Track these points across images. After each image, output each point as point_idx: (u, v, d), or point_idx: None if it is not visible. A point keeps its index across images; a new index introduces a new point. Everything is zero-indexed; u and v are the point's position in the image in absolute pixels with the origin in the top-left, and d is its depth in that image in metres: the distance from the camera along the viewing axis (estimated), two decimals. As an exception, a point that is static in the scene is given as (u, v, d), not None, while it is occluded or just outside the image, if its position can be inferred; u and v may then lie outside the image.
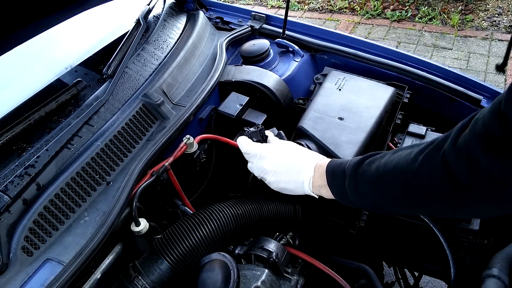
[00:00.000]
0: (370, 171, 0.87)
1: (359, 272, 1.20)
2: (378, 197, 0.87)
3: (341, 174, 0.93)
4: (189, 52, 1.44)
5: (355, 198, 0.91)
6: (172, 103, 1.28)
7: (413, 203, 0.83)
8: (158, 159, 1.13)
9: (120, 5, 1.56)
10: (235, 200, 1.12)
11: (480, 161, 0.67)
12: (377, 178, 0.85)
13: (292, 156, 1.04)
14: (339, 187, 0.94)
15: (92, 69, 1.33)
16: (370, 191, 0.87)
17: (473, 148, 0.68)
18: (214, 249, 1.02)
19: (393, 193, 0.84)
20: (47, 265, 0.89)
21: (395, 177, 0.81)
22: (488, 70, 3.74)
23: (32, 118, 1.08)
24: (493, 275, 0.98)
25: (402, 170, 0.80)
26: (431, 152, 0.75)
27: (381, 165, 0.85)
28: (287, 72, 1.52)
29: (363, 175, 0.88)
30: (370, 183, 0.87)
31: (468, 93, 1.41)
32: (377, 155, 0.89)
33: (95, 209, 1.00)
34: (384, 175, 0.83)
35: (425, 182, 0.76)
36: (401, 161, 0.81)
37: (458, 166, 0.70)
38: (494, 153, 0.66)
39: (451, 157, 0.71)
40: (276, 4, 5.19)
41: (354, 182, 0.90)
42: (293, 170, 1.02)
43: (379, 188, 0.86)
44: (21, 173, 0.96)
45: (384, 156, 0.86)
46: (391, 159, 0.84)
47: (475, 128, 0.69)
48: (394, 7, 4.77)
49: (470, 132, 0.70)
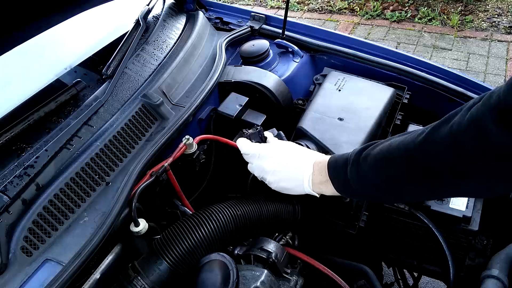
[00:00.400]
0: (374, 153, 0.86)
1: (358, 272, 1.20)
2: (380, 178, 0.87)
3: (343, 163, 0.93)
4: (189, 53, 1.44)
5: (356, 183, 0.91)
6: (171, 104, 1.28)
7: (415, 180, 0.82)
8: (158, 159, 1.13)
9: (119, 5, 1.56)
10: (234, 200, 1.12)
11: (491, 132, 0.66)
12: (380, 158, 0.85)
13: (291, 154, 1.04)
14: (340, 176, 0.94)
15: (92, 70, 1.33)
16: (372, 172, 0.87)
17: (484, 119, 0.67)
18: (213, 249, 1.02)
19: (395, 171, 0.83)
20: (47, 265, 0.89)
21: (398, 154, 0.81)
22: (487, 71, 3.74)
23: (31, 118, 1.08)
24: (493, 276, 0.98)
25: (406, 146, 0.80)
26: (439, 125, 0.75)
27: (385, 146, 0.85)
28: (286, 73, 1.52)
29: (366, 158, 0.88)
30: (373, 164, 0.86)
31: (468, 93, 1.41)
32: (382, 140, 0.89)
33: (95, 210, 1.00)
34: (387, 154, 0.83)
35: (429, 155, 0.76)
36: (406, 138, 0.81)
37: (466, 137, 0.70)
38: (506, 124, 0.65)
39: (459, 128, 0.71)
40: (276, 5, 5.19)
41: (356, 167, 0.89)
42: (293, 168, 1.02)
43: (382, 168, 0.85)
44: (21, 174, 0.96)
45: (389, 140, 0.86)
46: (395, 139, 0.84)
47: (489, 100, 0.68)
48: (394, 7, 4.77)
49: (483, 104, 0.69)
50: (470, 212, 1.12)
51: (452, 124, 0.73)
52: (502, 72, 3.68)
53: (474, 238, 1.17)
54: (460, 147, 0.71)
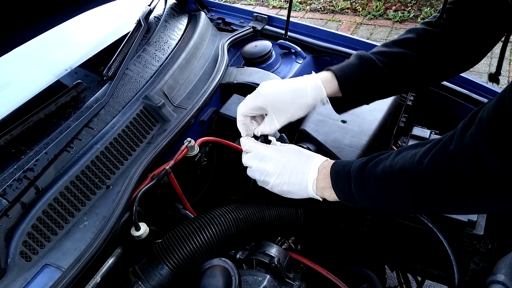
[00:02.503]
0: (376, 173, 0.85)
1: (362, 277, 1.19)
2: (386, 199, 0.86)
3: (346, 176, 0.91)
4: (191, 54, 1.42)
5: (361, 200, 0.90)
6: (173, 106, 1.27)
7: (422, 203, 0.82)
8: (159, 162, 1.12)
9: (120, 6, 1.55)
10: (236, 204, 1.10)
11: (489, 162, 0.66)
12: (384, 180, 0.84)
13: (296, 157, 1.01)
14: (344, 189, 0.92)
15: (92, 71, 1.32)
16: (377, 193, 0.86)
17: (480, 149, 0.67)
18: (215, 254, 1.00)
19: (401, 195, 0.83)
20: (46, 270, 0.88)
21: (402, 179, 0.80)
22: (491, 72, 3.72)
23: (31, 120, 1.07)
24: (498, 281, 0.96)
25: (409, 174, 0.79)
26: (438, 154, 0.74)
27: (386, 167, 0.84)
28: (289, 74, 1.51)
29: (369, 177, 0.87)
30: (377, 186, 0.86)
31: (472, 95, 1.40)
32: (382, 156, 0.87)
33: (95, 214, 0.98)
34: (391, 177, 0.82)
35: (434, 184, 0.75)
36: (406, 164, 0.80)
37: (466, 167, 0.69)
38: (502, 153, 0.64)
39: (458, 159, 0.70)
40: (278, 5, 5.18)
41: (360, 185, 0.88)
42: (297, 171, 0.99)
43: (387, 191, 0.84)
44: (20, 177, 0.95)
45: (389, 157, 0.85)
46: (396, 160, 0.82)
47: (480, 127, 0.68)
48: (396, 7, 4.75)
49: (475, 132, 0.68)
50: (475, 216, 1.11)
51: (451, 153, 0.72)
52: (506, 73, 3.66)
53: (478, 243, 1.16)
54: (464, 178, 0.70)
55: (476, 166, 0.68)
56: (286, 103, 0.99)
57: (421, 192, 0.79)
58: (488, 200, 0.72)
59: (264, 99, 0.99)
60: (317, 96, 1.01)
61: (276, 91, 1.00)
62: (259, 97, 1.00)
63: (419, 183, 0.77)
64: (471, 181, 0.70)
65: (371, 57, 1.05)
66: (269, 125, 1.01)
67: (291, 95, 0.99)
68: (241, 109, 1.02)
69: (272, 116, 1.00)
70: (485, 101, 1.38)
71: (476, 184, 0.69)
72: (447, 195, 0.76)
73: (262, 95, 1.00)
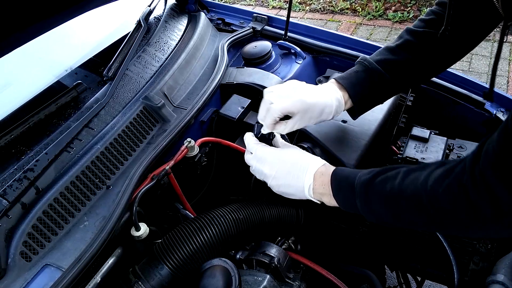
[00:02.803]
0: (384, 193, 0.84)
1: (362, 277, 1.19)
2: (394, 218, 0.86)
3: (349, 190, 0.90)
4: (190, 54, 1.43)
5: (366, 214, 0.89)
6: (173, 106, 1.27)
7: (432, 226, 0.83)
8: (159, 162, 1.12)
9: (120, 6, 1.55)
10: (236, 204, 1.10)
11: (500, 195, 0.66)
12: (394, 202, 0.83)
13: (292, 161, 1.01)
14: (346, 200, 0.92)
15: (92, 71, 1.32)
16: (385, 213, 0.86)
17: (490, 182, 0.67)
18: (215, 254, 1.01)
19: (412, 219, 0.82)
20: (46, 270, 0.88)
21: (414, 205, 0.79)
22: (490, 72, 3.73)
23: (31, 121, 1.07)
24: (498, 281, 0.96)
25: (421, 201, 0.77)
26: (452, 185, 0.73)
27: (395, 189, 0.82)
28: (289, 74, 1.51)
29: (377, 195, 0.86)
30: (385, 206, 0.85)
31: (472, 96, 1.40)
32: (388, 173, 0.86)
33: (95, 214, 0.99)
34: (401, 201, 0.81)
35: (448, 214, 0.75)
36: (418, 190, 0.78)
37: (479, 200, 0.69)
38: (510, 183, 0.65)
39: (471, 192, 0.70)
40: (278, 5, 5.19)
41: (365, 202, 0.88)
42: (293, 175, 1.00)
43: (396, 212, 0.84)
44: (20, 177, 0.95)
45: (397, 177, 0.83)
46: (406, 184, 0.81)
47: (487, 159, 0.68)
48: (396, 8, 4.75)
49: (484, 164, 0.69)
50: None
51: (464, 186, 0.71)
52: (505, 73, 3.66)
53: (478, 243, 1.16)
54: (477, 210, 0.70)
55: (489, 199, 0.68)
56: (314, 113, 1.05)
57: (433, 219, 0.78)
58: (500, 230, 0.72)
59: (300, 104, 1.03)
60: (337, 112, 1.09)
61: (310, 100, 1.04)
62: (296, 99, 1.03)
63: (431, 211, 0.77)
64: (484, 213, 0.69)
65: (377, 67, 1.10)
66: (289, 127, 1.05)
67: (320, 110, 1.05)
68: (279, 107, 1.02)
69: (296, 122, 1.04)
70: (485, 102, 1.39)
71: (489, 216, 0.69)
72: (459, 223, 0.76)
73: (299, 98, 1.03)
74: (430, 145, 1.19)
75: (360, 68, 1.13)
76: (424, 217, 0.80)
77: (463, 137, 1.27)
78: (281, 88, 1.05)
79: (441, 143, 1.19)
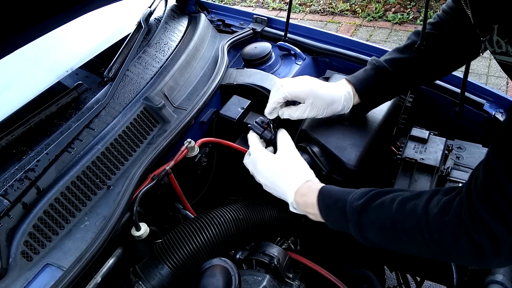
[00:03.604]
0: (380, 222, 0.82)
1: (361, 277, 1.19)
2: (392, 247, 0.85)
3: (339, 214, 0.89)
4: (191, 55, 1.43)
5: (360, 240, 0.88)
6: (173, 106, 1.28)
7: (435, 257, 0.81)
8: (159, 163, 1.13)
9: (121, 7, 1.56)
10: (236, 204, 1.11)
11: (495, 230, 0.67)
12: (392, 234, 0.81)
13: (278, 172, 1.02)
14: (339, 225, 0.91)
15: (93, 72, 1.33)
16: (382, 241, 0.85)
17: (484, 217, 0.67)
18: (215, 254, 1.01)
19: (412, 250, 0.82)
20: (47, 270, 0.88)
21: (414, 237, 0.78)
22: (490, 73, 3.73)
23: (32, 121, 1.07)
24: (497, 281, 0.97)
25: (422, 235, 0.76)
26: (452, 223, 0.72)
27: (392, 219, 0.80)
28: (289, 75, 1.52)
29: (372, 225, 0.84)
30: (382, 236, 0.83)
31: (471, 97, 1.40)
32: (381, 199, 0.84)
33: (96, 214, 0.99)
34: (400, 233, 0.80)
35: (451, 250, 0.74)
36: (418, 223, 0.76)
37: (480, 238, 0.69)
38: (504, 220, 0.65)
39: (472, 230, 0.70)
40: (278, 6, 5.19)
41: (359, 229, 0.86)
42: (277, 187, 1.02)
43: (395, 243, 0.83)
44: (21, 177, 0.96)
45: (392, 206, 0.81)
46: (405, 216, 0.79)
47: (477, 195, 0.69)
48: (396, 9, 4.76)
49: (475, 201, 0.69)
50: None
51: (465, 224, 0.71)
52: (505, 74, 3.67)
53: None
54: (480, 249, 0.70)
55: (486, 234, 0.68)
56: (324, 103, 1.11)
57: (434, 252, 0.78)
58: (501, 263, 0.73)
59: (309, 90, 1.09)
60: (345, 105, 1.14)
61: (320, 90, 1.10)
62: (306, 86, 1.09)
63: (433, 245, 0.76)
64: (486, 250, 0.69)
65: (384, 65, 1.14)
66: (300, 113, 1.11)
67: (330, 99, 1.11)
68: (287, 89, 1.09)
69: (307, 108, 1.10)
70: (484, 102, 1.39)
71: (490, 251, 0.69)
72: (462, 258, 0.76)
73: (309, 86, 1.10)
74: (429, 145, 1.20)
75: (369, 66, 1.17)
76: (424, 249, 0.79)
77: (462, 137, 1.27)
78: (293, 78, 1.12)
79: (440, 144, 1.20)
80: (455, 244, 0.72)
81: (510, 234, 0.66)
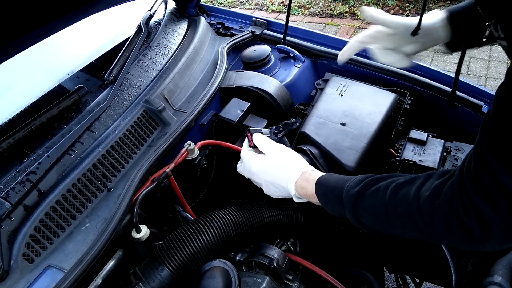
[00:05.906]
0: (374, 208, 0.85)
1: (360, 279, 1.20)
2: (386, 231, 0.87)
3: (336, 201, 0.91)
4: (190, 58, 1.44)
5: (357, 225, 0.91)
6: (173, 109, 1.28)
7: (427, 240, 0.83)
8: (159, 165, 1.13)
9: (121, 11, 1.57)
10: (236, 206, 1.11)
11: (484, 211, 0.67)
12: (385, 219, 0.83)
13: (274, 171, 1.05)
14: (336, 210, 0.94)
15: (94, 75, 1.33)
16: (377, 226, 0.87)
17: (473, 198, 0.68)
18: (215, 256, 1.01)
19: (405, 234, 0.83)
20: (48, 272, 0.89)
21: (407, 222, 0.80)
22: (488, 75, 3.74)
23: (33, 124, 1.08)
24: (495, 282, 0.97)
25: (414, 219, 0.78)
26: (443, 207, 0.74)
27: (386, 206, 0.82)
28: (288, 78, 1.52)
29: (367, 211, 0.86)
30: (376, 221, 0.86)
31: (469, 99, 1.41)
32: (376, 186, 0.86)
33: (96, 216, 1.00)
34: (393, 218, 0.82)
35: (442, 232, 0.76)
36: (410, 208, 0.78)
37: (470, 220, 0.70)
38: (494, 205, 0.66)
39: (462, 213, 0.70)
40: (277, 9, 5.21)
41: (355, 215, 0.88)
42: (277, 187, 1.05)
43: (388, 227, 0.85)
44: (22, 180, 0.96)
45: (386, 191, 0.83)
46: (397, 202, 0.81)
47: (468, 177, 0.70)
48: (395, 11, 4.78)
49: (466, 182, 0.70)
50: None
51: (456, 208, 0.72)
52: (503, 76, 3.67)
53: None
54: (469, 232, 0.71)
55: (476, 217, 0.69)
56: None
57: (426, 235, 0.79)
58: (491, 245, 0.73)
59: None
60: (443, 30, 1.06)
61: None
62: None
63: (425, 229, 0.77)
64: (475, 233, 0.70)
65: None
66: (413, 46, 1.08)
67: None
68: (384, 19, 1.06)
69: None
70: (482, 104, 1.40)
71: (480, 234, 0.70)
72: (453, 240, 0.76)
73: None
74: (428, 147, 1.20)
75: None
76: (415, 233, 0.80)
77: (460, 139, 1.28)
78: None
79: (438, 146, 1.21)
80: (446, 227, 0.73)
81: (499, 218, 0.67)
